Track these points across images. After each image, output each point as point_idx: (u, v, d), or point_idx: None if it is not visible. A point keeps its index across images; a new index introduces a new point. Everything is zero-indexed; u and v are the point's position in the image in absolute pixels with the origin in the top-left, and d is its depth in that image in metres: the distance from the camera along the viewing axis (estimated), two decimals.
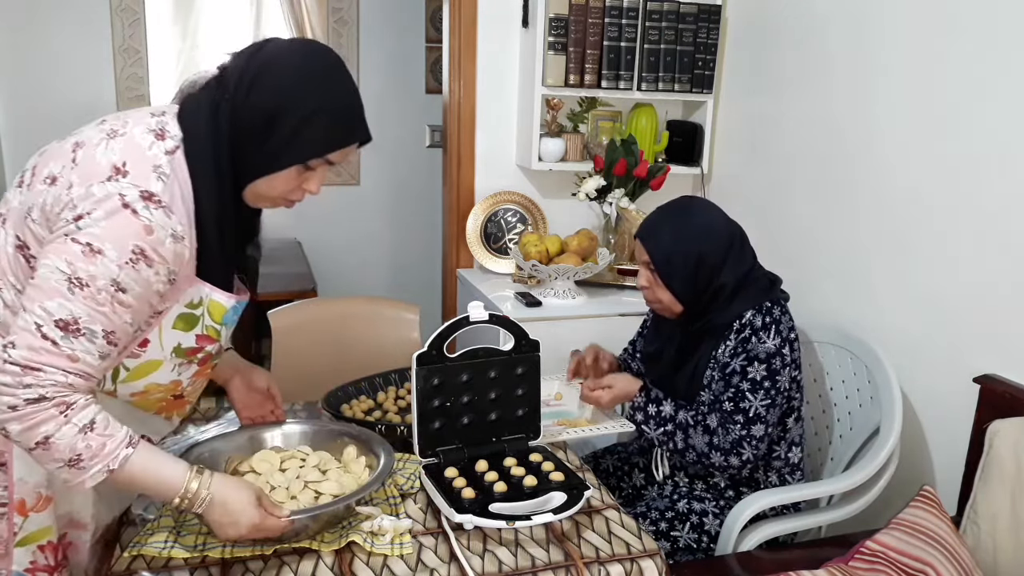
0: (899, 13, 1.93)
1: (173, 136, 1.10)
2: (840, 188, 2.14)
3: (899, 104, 1.94)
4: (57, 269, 1.01)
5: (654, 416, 1.66)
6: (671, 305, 1.67)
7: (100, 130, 1.10)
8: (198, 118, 1.12)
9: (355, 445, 1.40)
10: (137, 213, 1.03)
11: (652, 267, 1.65)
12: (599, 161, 2.47)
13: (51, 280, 1.01)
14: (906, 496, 1.55)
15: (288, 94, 1.10)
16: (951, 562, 1.36)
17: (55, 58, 3.54)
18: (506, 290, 2.49)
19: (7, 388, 1.00)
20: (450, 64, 2.66)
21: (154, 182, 1.05)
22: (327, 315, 2.22)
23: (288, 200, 1.21)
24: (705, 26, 2.54)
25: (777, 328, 1.60)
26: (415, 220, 4.29)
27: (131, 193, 1.03)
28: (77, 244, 1.01)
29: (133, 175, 1.04)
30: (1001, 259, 1.69)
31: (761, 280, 1.67)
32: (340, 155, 1.16)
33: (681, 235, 1.63)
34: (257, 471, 1.32)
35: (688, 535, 1.66)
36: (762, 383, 1.58)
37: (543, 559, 1.23)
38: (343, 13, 4.02)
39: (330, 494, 1.26)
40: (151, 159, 1.07)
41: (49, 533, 1.14)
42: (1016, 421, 1.53)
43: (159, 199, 1.05)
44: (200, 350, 1.20)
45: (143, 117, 1.12)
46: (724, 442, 1.59)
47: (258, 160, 1.13)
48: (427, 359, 1.39)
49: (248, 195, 1.17)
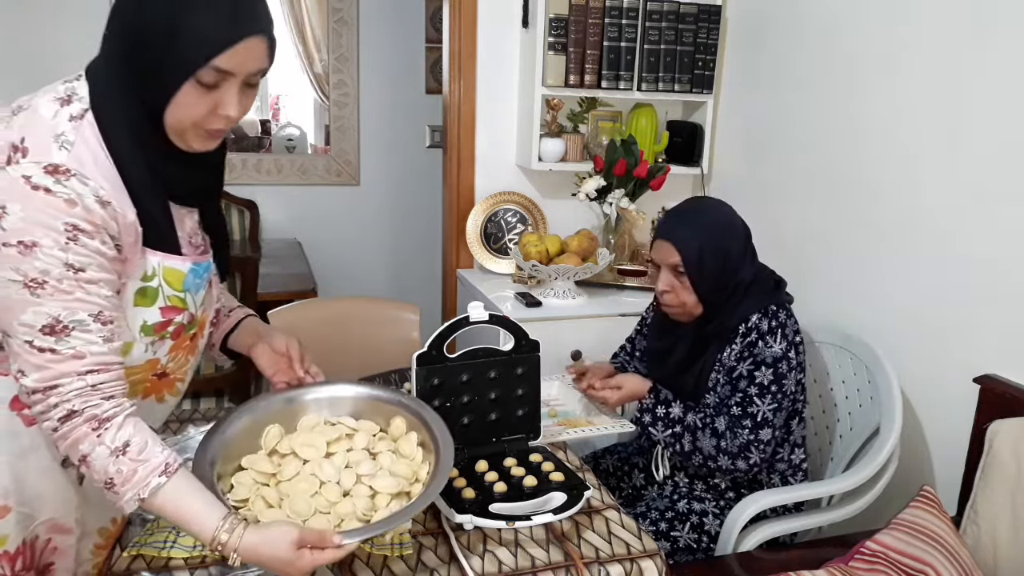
0: (899, 13, 1.93)
1: (81, 98, 1.01)
2: (840, 188, 2.14)
3: (899, 104, 1.94)
4: (9, 281, 0.95)
5: (662, 417, 1.65)
6: (693, 308, 1.64)
7: (9, 109, 1.01)
8: (97, 71, 1.03)
9: (405, 418, 1.30)
10: (50, 190, 0.94)
11: (680, 269, 1.61)
12: (599, 161, 2.47)
13: (11, 295, 0.96)
14: (906, 496, 1.55)
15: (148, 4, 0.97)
16: (951, 562, 1.36)
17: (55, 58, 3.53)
18: (506, 290, 2.49)
19: (43, 415, 0.99)
20: (450, 64, 2.66)
21: (56, 152, 0.97)
22: (327, 315, 2.22)
23: (208, 130, 1.06)
24: (705, 26, 2.54)
25: (783, 332, 1.60)
26: (415, 220, 4.29)
27: (35, 172, 0.95)
28: (10, 247, 0.94)
29: (32, 152, 0.96)
30: (1001, 259, 1.69)
31: (767, 280, 1.67)
32: (231, 60, 0.99)
33: (707, 233, 1.61)
34: (302, 457, 1.22)
35: (688, 535, 1.66)
36: (769, 387, 1.58)
37: (543, 559, 1.23)
38: (343, 13, 4.02)
39: (387, 492, 1.17)
40: (51, 128, 0.98)
41: (4, 543, 1.08)
42: (1016, 421, 1.53)
43: (66, 168, 0.96)
44: (169, 323, 1.12)
45: (56, 85, 1.03)
46: (732, 446, 1.58)
47: (152, 89, 1.00)
48: (427, 359, 1.39)
49: (170, 135, 1.04)
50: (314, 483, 1.18)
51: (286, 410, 1.29)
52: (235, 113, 1.04)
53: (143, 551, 1.17)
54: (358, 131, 4.19)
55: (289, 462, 1.22)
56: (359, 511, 1.14)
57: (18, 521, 1.09)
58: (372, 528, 1.10)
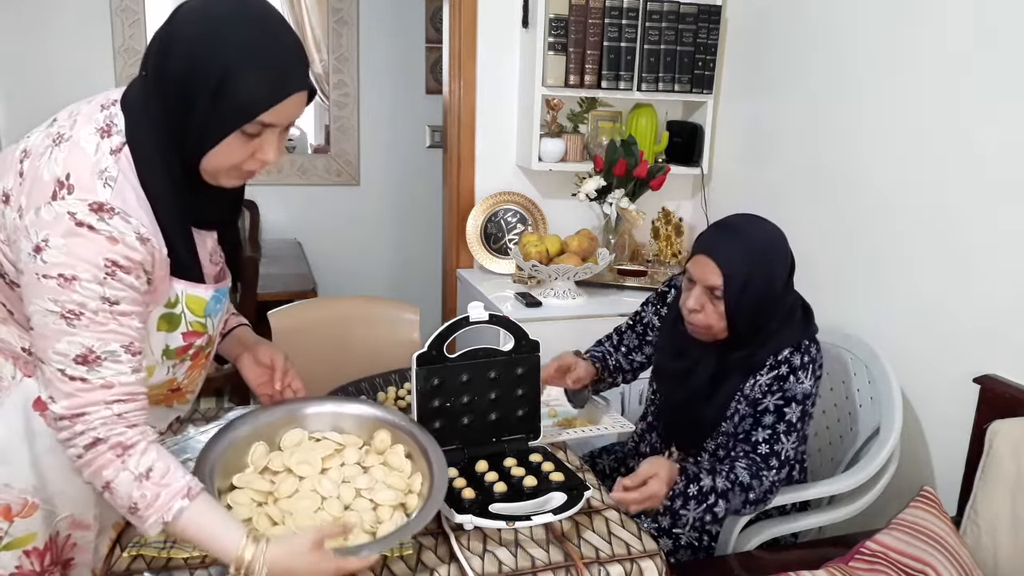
0: (899, 13, 1.93)
1: (119, 130, 1.03)
2: (840, 188, 2.14)
3: (899, 103, 1.94)
4: (47, 311, 0.98)
5: (695, 496, 1.45)
6: (718, 332, 1.53)
7: (47, 135, 1.04)
8: (135, 105, 1.05)
9: (388, 431, 1.33)
10: (94, 228, 0.97)
11: (718, 293, 1.47)
12: (599, 161, 2.47)
13: (48, 324, 0.99)
14: (906, 496, 1.55)
15: (199, 59, 0.99)
16: (951, 562, 1.36)
17: (55, 58, 3.54)
18: (506, 290, 2.49)
19: (67, 442, 1.01)
20: (450, 64, 2.66)
21: (101, 190, 0.99)
22: (327, 315, 2.22)
23: (246, 172, 1.10)
24: (705, 26, 2.54)
25: (813, 368, 1.53)
26: (415, 220, 4.29)
27: (80, 209, 0.97)
28: (50, 279, 0.97)
29: (78, 189, 0.98)
30: (1001, 259, 1.69)
31: (798, 311, 1.58)
32: (277, 114, 1.03)
33: (756, 260, 1.48)
34: (299, 474, 1.23)
35: (690, 533, 1.65)
36: (795, 424, 1.51)
37: (543, 559, 1.23)
38: (343, 13, 4.03)
39: (388, 505, 1.20)
40: (95, 165, 1.00)
41: (34, 539, 1.12)
42: (1016, 421, 1.53)
43: (111, 207, 0.98)
44: (190, 347, 1.16)
45: (92, 112, 1.05)
46: (759, 494, 1.50)
47: (193, 136, 1.03)
48: (427, 359, 1.39)
49: (205, 175, 1.08)
50: (316, 499, 1.20)
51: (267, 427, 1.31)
52: (273, 158, 1.08)
53: (143, 551, 1.17)
54: (358, 131, 4.19)
55: (284, 479, 1.23)
56: (365, 524, 1.17)
57: (44, 518, 1.13)
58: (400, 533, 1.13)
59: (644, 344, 1.85)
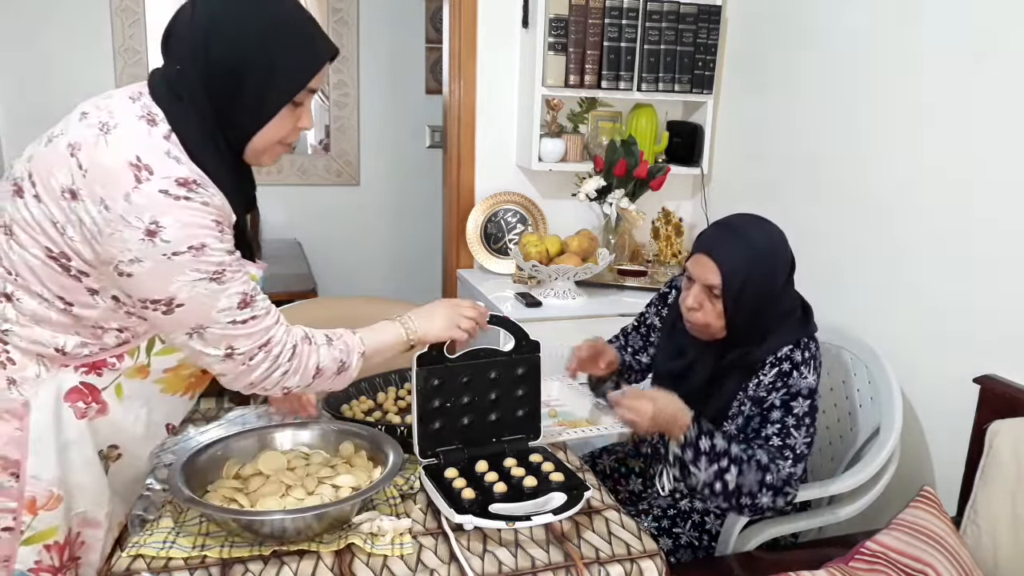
0: (899, 13, 1.93)
1: (162, 119, 1.08)
2: (840, 188, 2.14)
3: (899, 103, 1.94)
4: (195, 282, 1.05)
5: (707, 452, 1.44)
6: (716, 332, 1.53)
7: (88, 126, 1.06)
8: (171, 98, 1.09)
9: (352, 442, 1.41)
10: (189, 199, 1.03)
11: (716, 292, 1.48)
12: (599, 161, 2.47)
13: (199, 292, 1.06)
14: (906, 496, 1.55)
15: (244, 44, 1.07)
16: (951, 562, 1.36)
17: (55, 58, 3.54)
18: (506, 290, 2.49)
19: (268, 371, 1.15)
20: (450, 64, 2.66)
21: (175, 167, 1.04)
22: (327, 315, 2.21)
23: (286, 145, 1.20)
24: (705, 26, 2.54)
25: (814, 364, 1.53)
26: (415, 220, 4.29)
27: (169, 186, 1.02)
28: (180, 255, 1.03)
29: (157, 169, 1.03)
30: (1001, 259, 1.69)
31: (797, 310, 1.58)
32: (319, 79, 1.15)
33: (755, 260, 1.48)
34: (265, 472, 1.32)
35: (690, 532, 1.65)
36: (804, 419, 1.50)
37: (543, 560, 1.23)
38: (343, 13, 4.02)
39: (349, 487, 1.28)
40: (157, 146, 1.05)
41: (55, 533, 1.14)
42: (1016, 421, 1.53)
43: (192, 179, 1.05)
44: None
45: (125, 104, 1.09)
46: (777, 479, 1.45)
47: (246, 118, 1.12)
48: (427, 360, 1.39)
49: (250, 156, 1.17)
50: (281, 487, 1.28)
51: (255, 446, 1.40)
52: (310, 124, 1.20)
53: (143, 551, 1.17)
54: (358, 131, 4.19)
55: (253, 479, 1.31)
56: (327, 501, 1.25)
57: (64, 512, 1.15)
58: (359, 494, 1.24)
59: (648, 345, 1.86)
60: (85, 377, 1.14)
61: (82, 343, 1.13)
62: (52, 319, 1.11)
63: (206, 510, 1.19)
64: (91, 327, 1.12)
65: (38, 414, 1.11)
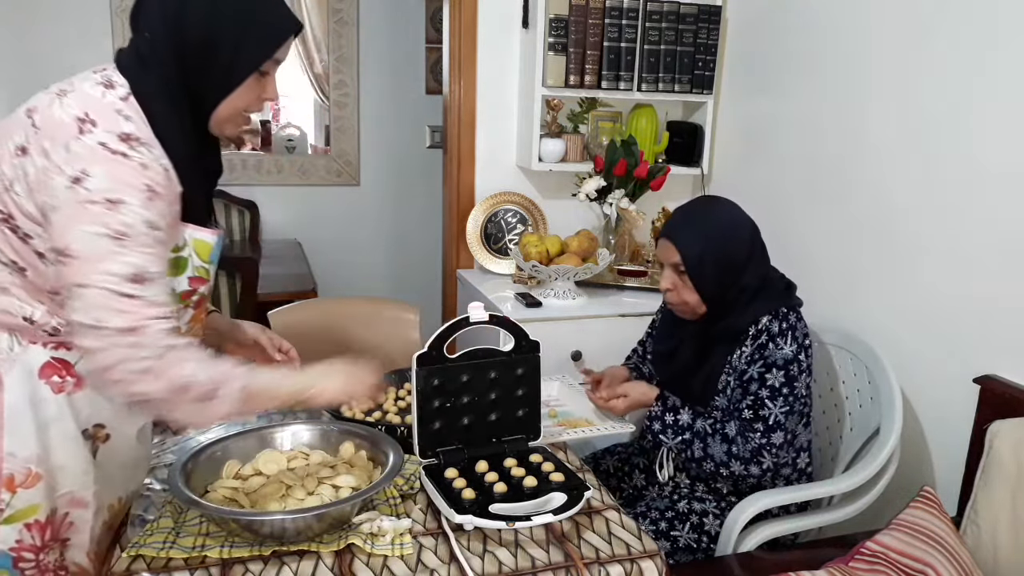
0: (899, 14, 1.93)
1: (121, 85, 1.10)
2: (840, 188, 2.14)
3: (899, 103, 1.94)
4: (95, 235, 1.02)
5: (671, 425, 1.64)
6: (696, 307, 1.65)
7: (48, 93, 1.10)
8: (138, 67, 1.12)
9: (352, 442, 1.41)
10: (127, 155, 1.04)
11: (681, 268, 1.62)
12: (599, 162, 2.47)
13: (98, 246, 1.02)
14: (906, 496, 1.55)
15: (215, 16, 1.11)
16: (951, 563, 1.36)
17: (55, 58, 3.54)
18: (506, 291, 2.49)
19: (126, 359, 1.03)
20: (450, 64, 2.66)
21: (123, 123, 1.06)
22: (327, 315, 2.22)
23: (247, 118, 1.23)
24: (705, 26, 2.54)
25: (793, 334, 1.60)
26: (415, 220, 4.29)
27: (110, 139, 1.04)
28: (95, 204, 1.02)
29: (101, 121, 1.05)
30: (1001, 259, 1.69)
31: (777, 283, 1.67)
32: (284, 50, 1.18)
33: (711, 234, 1.61)
34: (264, 472, 1.32)
35: (688, 535, 1.65)
36: (780, 390, 1.57)
37: (543, 560, 1.23)
38: (343, 13, 4.03)
39: (349, 487, 1.28)
40: (109, 104, 1.07)
41: (36, 511, 1.14)
42: (1016, 421, 1.53)
43: (136, 136, 1.06)
44: (194, 292, 1.22)
45: (87, 75, 1.13)
46: (744, 451, 1.57)
47: (213, 86, 1.15)
48: (427, 360, 1.39)
49: (213, 125, 1.19)
50: (281, 487, 1.28)
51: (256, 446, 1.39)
52: (275, 96, 1.21)
53: (143, 551, 1.17)
54: (358, 131, 4.19)
55: (253, 480, 1.31)
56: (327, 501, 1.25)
57: (46, 490, 1.15)
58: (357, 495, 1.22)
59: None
60: (55, 352, 1.15)
61: (48, 312, 1.14)
62: (15, 285, 1.12)
63: (206, 510, 1.19)
64: (50, 294, 1.13)
65: (12, 392, 1.12)
